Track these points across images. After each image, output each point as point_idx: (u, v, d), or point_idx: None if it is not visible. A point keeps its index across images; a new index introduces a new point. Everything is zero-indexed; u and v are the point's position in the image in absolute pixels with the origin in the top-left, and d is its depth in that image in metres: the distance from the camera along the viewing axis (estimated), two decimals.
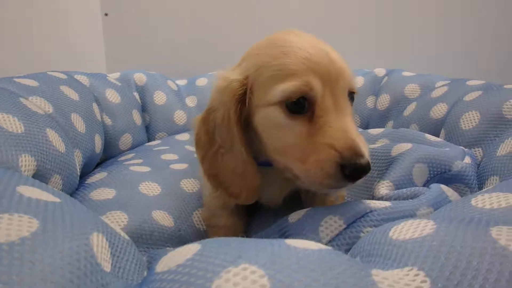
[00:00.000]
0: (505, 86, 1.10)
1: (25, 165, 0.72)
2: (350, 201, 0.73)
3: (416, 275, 0.41)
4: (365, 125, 1.66)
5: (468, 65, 2.22)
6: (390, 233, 0.52)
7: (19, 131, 0.76)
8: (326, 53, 0.68)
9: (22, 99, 0.88)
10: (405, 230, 0.50)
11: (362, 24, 2.26)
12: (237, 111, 0.70)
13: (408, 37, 2.24)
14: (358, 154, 0.62)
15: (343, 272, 0.41)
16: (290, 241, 0.48)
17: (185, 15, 2.28)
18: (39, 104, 0.94)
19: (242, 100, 0.70)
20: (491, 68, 2.20)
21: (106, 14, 2.25)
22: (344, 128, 0.64)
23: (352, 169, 0.61)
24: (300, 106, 0.66)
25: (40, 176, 0.77)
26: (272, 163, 0.75)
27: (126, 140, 1.38)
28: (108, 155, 1.31)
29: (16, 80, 0.98)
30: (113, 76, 1.53)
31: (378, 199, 0.83)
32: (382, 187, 0.86)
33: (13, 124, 0.76)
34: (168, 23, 2.30)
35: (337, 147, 0.62)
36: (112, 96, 1.36)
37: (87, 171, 1.12)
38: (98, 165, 1.23)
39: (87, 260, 0.44)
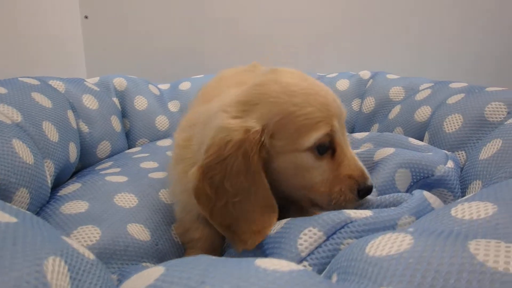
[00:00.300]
0: (486, 89, 1.13)
1: None
2: (331, 212, 0.70)
3: None
4: (351, 129, 1.66)
5: (450, 66, 2.26)
6: (367, 249, 0.50)
7: None
8: (332, 95, 0.78)
9: None
10: (382, 246, 0.49)
11: (345, 26, 2.28)
12: (260, 159, 0.72)
13: (391, 39, 2.27)
14: (366, 178, 0.76)
15: None
16: (260, 262, 0.47)
17: (167, 18, 2.27)
18: (6, 113, 0.89)
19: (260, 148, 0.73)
20: (472, 69, 2.25)
21: (86, 17, 2.22)
22: (353, 157, 0.77)
23: (365, 191, 0.76)
24: (326, 147, 0.75)
25: (3, 191, 0.72)
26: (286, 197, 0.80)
27: (104, 147, 1.33)
28: (85, 164, 1.27)
29: None
30: (91, 81, 1.48)
31: (361, 205, 0.81)
32: None
33: None
34: (150, 26, 2.28)
35: (354, 177, 0.75)
36: (90, 102, 1.31)
37: (61, 181, 1.07)
38: (74, 174, 1.19)
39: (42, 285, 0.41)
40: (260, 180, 0.72)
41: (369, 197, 0.80)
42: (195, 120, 0.87)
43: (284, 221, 0.71)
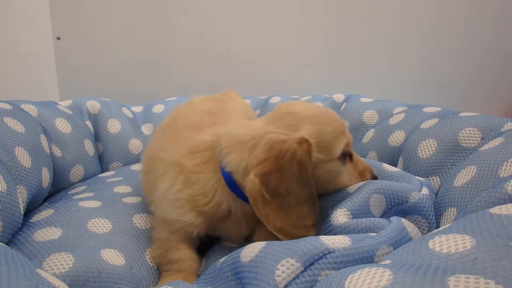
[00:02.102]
0: (460, 114, 1.13)
1: None
2: (308, 238, 0.69)
3: None
4: None
5: (422, 89, 2.33)
6: (346, 283, 0.50)
7: None
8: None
9: None
10: (361, 281, 0.49)
11: (320, 48, 2.31)
12: (311, 166, 0.84)
13: (364, 62, 2.31)
14: (372, 170, 0.98)
15: None
16: None
17: (141, 39, 2.26)
18: None
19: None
20: (444, 92, 2.31)
21: (58, 38, 2.20)
22: (358, 157, 0.97)
23: (374, 177, 0.97)
24: (346, 154, 0.91)
25: None
26: None
27: (77, 171, 1.32)
28: (57, 188, 1.25)
29: None
30: (64, 104, 1.47)
31: (337, 227, 0.83)
32: (340, 215, 0.85)
33: None
34: (124, 48, 2.27)
35: (367, 168, 0.96)
36: (62, 126, 1.30)
37: (32, 207, 1.05)
38: (46, 199, 1.17)
39: None
40: (311, 183, 0.83)
41: (344, 219, 0.83)
42: (205, 147, 0.93)
43: (258, 247, 0.71)
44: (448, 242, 0.54)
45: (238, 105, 1.33)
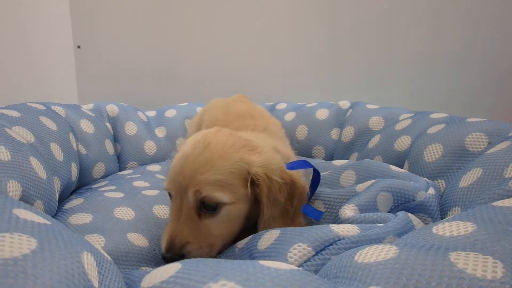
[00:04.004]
0: (467, 120, 1.14)
1: (13, 191, 0.76)
2: (320, 226, 0.73)
3: None
4: (330, 157, 1.69)
5: (426, 97, 2.33)
6: (356, 257, 0.54)
7: (7, 159, 0.81)
8: (186, 165, 0.84)
9: (6, 129, 0.93)
10: (370, 254, 0.53)
11: (323, 56, 2.36)
12: None
13: (370, 70, 2.34)
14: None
15: None
16: (263, 262, 0.52)
17: (155, 49, 2.36)
18: (22, 134, 0.98)
19: None
20: (449, 99, 2.32)
21: (78, 47, 2.30)
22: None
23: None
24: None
25: (24, 201, 0.81)
26: None
27: (99, 168, 1.42)
28: (81, 183, 1.35)
29: (0, 110, 1.03)
30: (86, 107, 1.57)
31: (344, 220, 0.85)
32: (348, 209, 0.88)
33: (1, 153, 0.81)
34: (139, 56, 2.37)
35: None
36: (87, 127, 1.41)
37: (63, 197, 1.16)
38: (73, 192, 1.27)
39: (80, 276, 0.48)
40: None
41: (352, 213, 0.86)
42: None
43: (273, 236, 0.76)
44: (450, 227, 0.56)
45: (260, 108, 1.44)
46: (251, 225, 0.90)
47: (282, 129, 1.49)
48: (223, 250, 0.87)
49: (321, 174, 1.17)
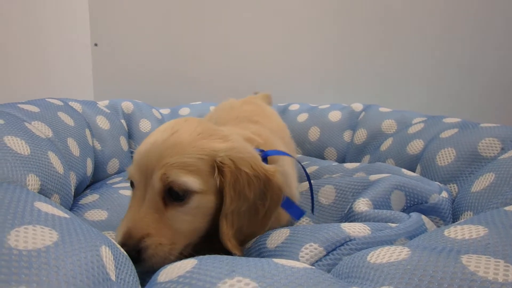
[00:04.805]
0: (481, 125, 1.14)
1: (32, 184, 0.78)
2: (330, 225, 0.74)
3: None
4: (342, 159, 1.70)
5: (442, 102, 2.31)
6: (368, 257, 0.54)
7: (26, 153, 0.83)
8: (153, 148, 0.76)
9: (26, 124, 0.95)
10: (382, 255, 0.53)
11: (337, 60, 2.36)
12: None
13: (383, 73, 2.34)
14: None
15: (327, 287, 0.45)
16: (277, 260, 0.53)
17: (171, 49, 2.38)
18: (40, 129, 1.00)
19: None
20: (465, 105, 2.29)
21: (95, 44, 2.33)
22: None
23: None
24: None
25: (42, 195, 0.82)
26: None
27: (113, 164, 1.44)
28: (96, 178, 1.37)
29: (19, 105, 1.05)
30: (102, 104, 1.59)
31: (357, 213, 0.85)
32: (362, 203, 0.88)
33: (21, 147, 0.83)
34: (154, 55, 2.39)
35: None
36: (102, 123, 1.43)
37: (77, 192, 1.17)
38: (87, 187, 1.29)
39: (99, 269, 0.49)
40: None
41: (366, 208, 0.86)
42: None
43: (283, 235, 0.76)
44: (462, 231, 0.56)
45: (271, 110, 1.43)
46: (212, 232, 0.80)
47: (287, 131, 1.47)
48: (183, 255, 0.74)
49: (333, 176, 1.17)
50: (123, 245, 0.68)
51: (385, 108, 1.69)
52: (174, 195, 0.74)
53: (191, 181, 0.73)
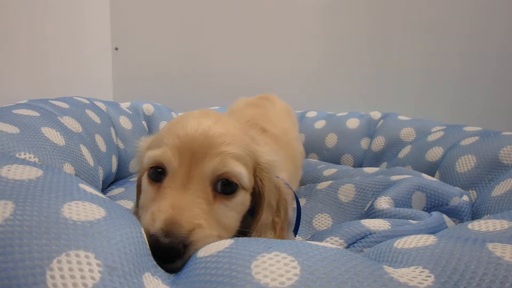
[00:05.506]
0: (502, 133, 1.14)
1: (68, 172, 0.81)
2: (350, 222, 0.76)
3: (422, 272, 0.45)
4: (358, 165, 1.71)
5: (459, 111, 2.32)
6: (395, 244, 0.55)
7: (62, 144, 0.86)
8: (200, 135, 0.67)
9: (59, 118, 0.98)
10: (409, 242, 0.54)
11: (355, 68, 2.39)
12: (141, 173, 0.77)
13: (401, 82, 2.35)
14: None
15: (360, 264, 0.46)
16: (311, 242, 0.54)
17: (190, 54, 2.43)
18: (71, 124, 1.04)
19: None
20: (483, 114, 2.28)
21: (116, 48, 2.38)
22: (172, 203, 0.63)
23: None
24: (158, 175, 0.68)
25: None
26: None
27: (135, 163, 1.47)
28: (119, 176, 1.40)
29: (51, 101, 1.09)
30: (124, 105, 1.63)
31: (378, 211, 0.87)
32: (384, 201, 0.89)
33: (57, 138, 0.86)
34: (172, 60, 2.44)
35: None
36: (125, 123, 1.46)
37: (102, 188, 1.20)
38: (111, 183, 1.33)
39: (143, 244, 0.52)
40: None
41: (387, 206, 0.87)
42: None
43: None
44: (486, 224, 0.57)
45: (279, 110, 1.40)
46: None
47: (293, 133, 1.39)
48: None
49: (350, 180, 1.18)
50: (166, 234, 0.57)
51: (404, 116, 1.69)
52: (223, 187, 0.67)
53: (244, 175, 0.68)
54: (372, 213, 0.89)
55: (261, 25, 2.39)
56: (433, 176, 1.22)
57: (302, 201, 1.12)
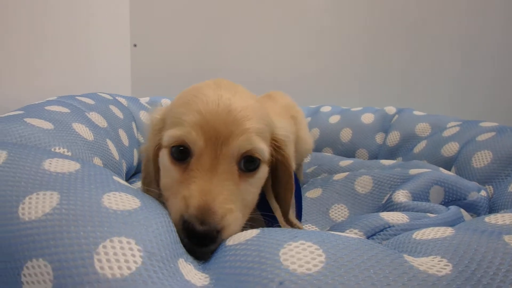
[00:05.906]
0: None
1: None
2: (370, 215, 0.78)
3: (440, 261, 0.46)
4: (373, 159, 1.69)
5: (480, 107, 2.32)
6: (414, 235, 0.57)
7: (90, 138, 0.90)
8: (223, 110, 0.64)
9: (86, 113, 1.02)
10: (427, 233, 0.56)
11: (368, 63, 2.41)
12: (156, 147, 0.72)
13: (412, 78, 2.37)
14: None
15: (381, 253, 0.48)
16: (333, 232, 0.57)
17: (208, 52, 2.47)
18: (97, 119, 1.07)
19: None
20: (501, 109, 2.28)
21: (135, 45, 2.43)
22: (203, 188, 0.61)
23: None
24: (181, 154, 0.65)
25: None
26: None
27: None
28: (138, 170, 1.43)
29: (78, 97, 1.13)
30: (143, 100, 1.67)
31: (396, 203, 0.88)
32: (402, 195, 0.90)
33: (86, 133, 0.90)
34: (190, 57, 2.48)
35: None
36: (145, 117, 1.49)
37: (125, 180, 1.24)
38: (131, 177, 1.36)
39: (174, 233, 0.55)
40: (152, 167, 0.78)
41: (405, 199, 0.88)
42: None
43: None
44: (503, 218, 0.58)
45: (278, 107, 1.37)
46: None
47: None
48: None
49: (367, 171, 1.20)
50: (202, 222, 0.57)
51: (419, 112, 1.69)
52: (247, 164, 0.66)
53: (265, 149, 0.67)
54: (389, 206, 0.90)
55: (277, 25, 2.42)
56: (449, 171, 1.22)
57: (318, 191, 1.14)
